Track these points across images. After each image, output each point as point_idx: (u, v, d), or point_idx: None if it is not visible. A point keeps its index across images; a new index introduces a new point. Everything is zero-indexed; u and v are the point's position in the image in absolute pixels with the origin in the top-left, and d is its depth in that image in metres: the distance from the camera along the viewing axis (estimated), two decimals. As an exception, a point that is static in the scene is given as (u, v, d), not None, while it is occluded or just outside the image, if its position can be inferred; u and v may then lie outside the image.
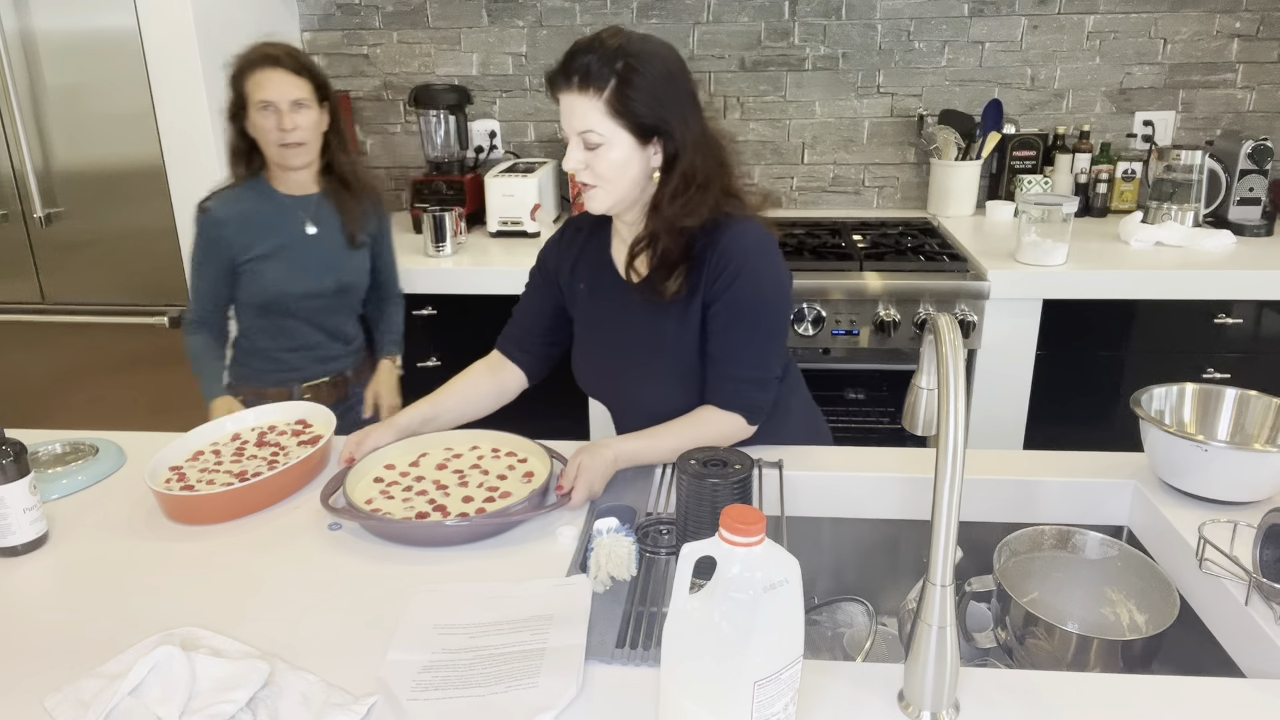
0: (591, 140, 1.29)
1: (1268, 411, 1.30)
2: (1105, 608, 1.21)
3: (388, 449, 1.40)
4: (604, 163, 1.30)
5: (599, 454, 1.30)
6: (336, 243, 1.95)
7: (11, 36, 2.41)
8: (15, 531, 1.19)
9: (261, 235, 1.87)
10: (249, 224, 1.87)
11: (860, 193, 2.97)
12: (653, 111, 1.30)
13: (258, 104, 1.80)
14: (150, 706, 0.88)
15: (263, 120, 1.81)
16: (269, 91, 1.79)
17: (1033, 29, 2.77)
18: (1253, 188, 2.63)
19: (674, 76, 1.34)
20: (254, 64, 1.81)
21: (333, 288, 1.95)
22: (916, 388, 1.08)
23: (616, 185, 1.32)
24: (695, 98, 1.38)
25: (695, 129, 1.35)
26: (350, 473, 1.33)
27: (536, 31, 2.86)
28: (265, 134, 1.82)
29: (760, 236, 1.37)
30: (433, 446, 1.44)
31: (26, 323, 2.66)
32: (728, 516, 0.77)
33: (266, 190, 1.90)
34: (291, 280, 1.90)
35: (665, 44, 1.38)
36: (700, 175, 1.34)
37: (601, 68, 1.29)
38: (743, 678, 0.77)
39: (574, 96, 1.29)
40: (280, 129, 1.80)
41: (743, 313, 1.34)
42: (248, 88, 1.81)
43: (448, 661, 0.97)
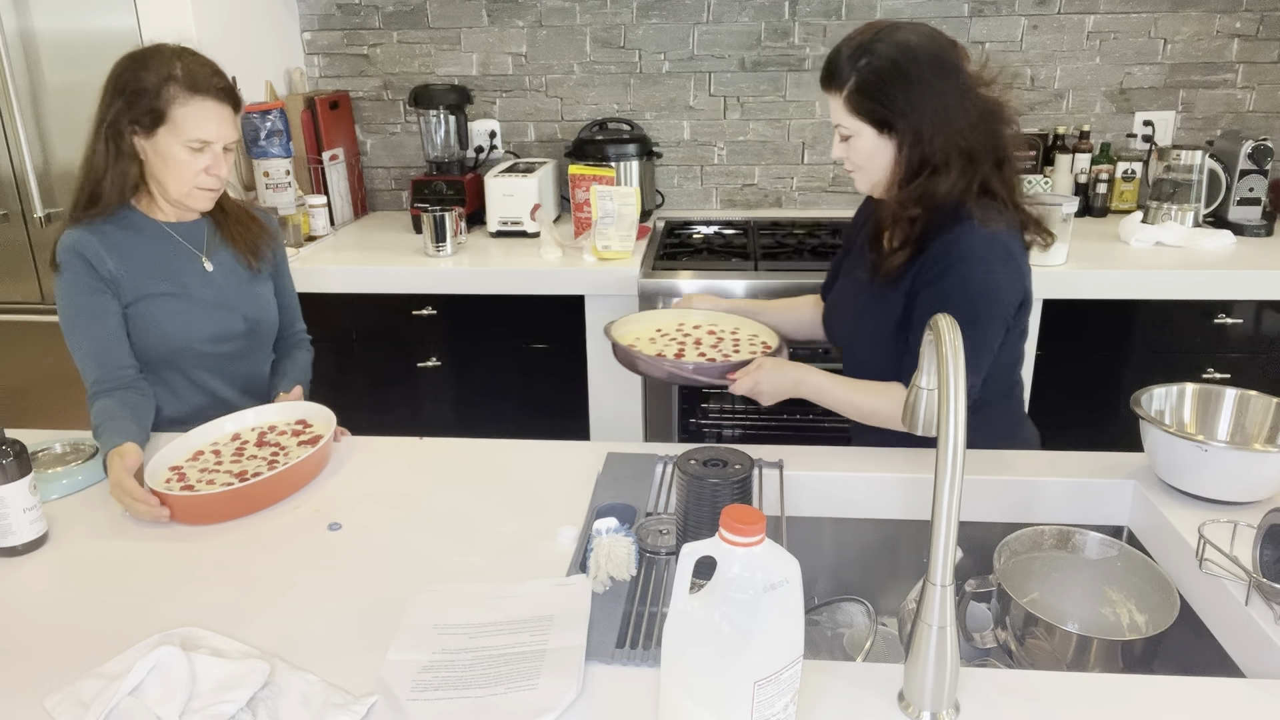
0: (843, 133, 1.44)
1: (1268, 411, 1.30)
2: (1105, 608, 1.21)
3: (681, 314, 1.75)
4: (856, 152, 1.44)
5: (783, 370, 1.46)
6: (238, 275, 1.64)
7: (11, 36, 2.41)
8: (15, 531, 1.19)
9: (150, 271, 1.55)
10: (132, 259, 1.54)
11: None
12: (884, 106, 1.39)
13: (190, 139, 1.48)
14: (150, 706, 0.88)
15: (188, 158, 1.49)
16: (209, 130, 1.49)
17: (1033, 29, 2.77)
18: (1253, 188, 2.62)
19: (912, 71, 1.39)
20: (198, 89, 1.48)
21: (243, 328, 1.63)
22: (916, 388, 1.08)
23: (869, 171, 1.46)
24: (946, 90, 1.42)
25: (933, 121, 1.38)
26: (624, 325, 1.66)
27: (536, 31, 2.86)
28: (183, 170, 1.50)
29: (984, 241, 1.38)
30: (714, 320, 1.74)
31: (26, 323, 2.66)
32: (728, 516, 0.77)
33: (138, 219, 1.56)
34: (196, 322, 1.58)
35: (921, 34, 1.45)
36: (931, 165, 1.39)
37: (843, 66, 1.41)
38: (743, 678, 0.77)
39: (827, 94, 1.45)
40: (209, 173, 1.52)
41: (941, 309, 1.32)
42: (176, 112, 1.47)
43: (448, 662, 0.97)
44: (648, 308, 2.33)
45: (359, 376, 2.51)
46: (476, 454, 1.46)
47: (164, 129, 1.48)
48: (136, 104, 1.48)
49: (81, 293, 1.50)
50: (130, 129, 1.50)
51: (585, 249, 2.47)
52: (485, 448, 1.48)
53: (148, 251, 1.56)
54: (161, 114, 1.48)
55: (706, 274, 2.34)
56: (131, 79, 1.49)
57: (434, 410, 2.53)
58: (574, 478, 1.37)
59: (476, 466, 1.42)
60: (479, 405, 2.53)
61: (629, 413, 2.46)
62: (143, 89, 1.47)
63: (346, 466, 1.43)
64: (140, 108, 1.48)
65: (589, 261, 2.43)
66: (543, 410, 2.51)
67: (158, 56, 1.50)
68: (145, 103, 1.48)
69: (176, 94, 1.47)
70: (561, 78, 2.90)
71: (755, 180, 2.96)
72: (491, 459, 1.44)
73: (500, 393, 2.51)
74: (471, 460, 1.44)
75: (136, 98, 1.48)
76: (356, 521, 1.27)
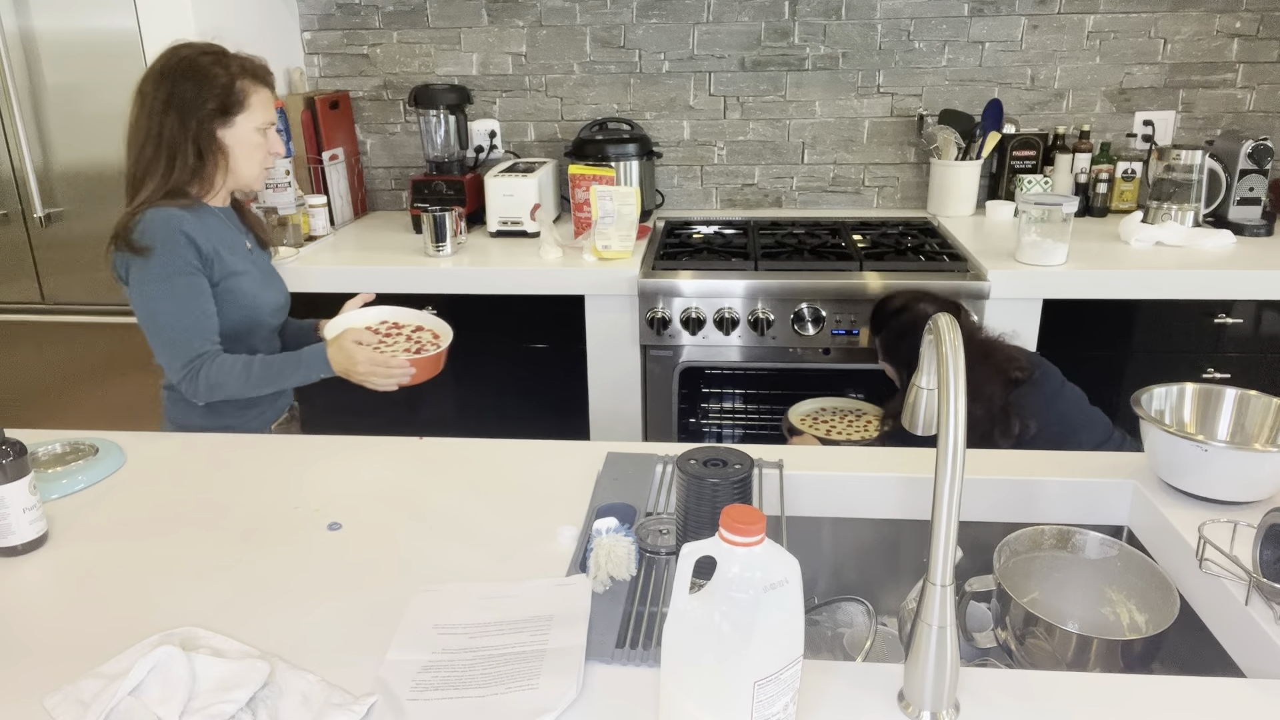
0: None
1: (1268, 411, 1.30)
2: (1105, 608, 1.21)
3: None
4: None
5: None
6: (262, 255, 1.82)
7: (11, 36, 2.41)
8: (15, 531, 1.19)
9: (229, 250, 1.68)
10: (214, 239, 1.66)
11: (860, 193, 2.97)
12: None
13: (261, 124, 1.66)
14: (150, 706, 0.88)
15: (260, 140, 1.67)
16: (272, 113, 1.69)
17: (1033, 29, 2.77)
18: (1253, 188, 2.63)
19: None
20: (259, 79, 1.67)
21: (283, 300, 1.81)
22: (916, 388, 1.08)
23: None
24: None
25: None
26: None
27: (536, 31, 2.86)
28: (257, 153, 1.68)
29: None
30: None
31: (26, 323, 2.66)
32: (728, 516, 0.77)
33: (200, 205, 1.68)
34: (263, 293, 1.73)
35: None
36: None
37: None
38: (743, 678, 0.77)
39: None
40: (271, 153, 1.71)
41: None
42: (250, 100, 1.65)
43: (447, 662, 0.97)
44: (648, 308, 2.33)
45: (359, 376, 2.51)
46: (476, 454, 1.46)
47: (241, 116, 1.64)
48: (215, 97, 1.61)
49: (183, 270, 1.60)
50: (213, 121, 1.62)
51: (585, 249, 2.47)
52: (485, 448, 1.48)
53: (220, 232, 1.68)
54: (240, 103, 1.63)
55: (706, 274, 2.34)
56: (203, 74, 1.60)
57: (434, 410, 2.53)
58: (574, 478, 1.37)
59: (476, 466, 1.42)
60: (479, 405, 2.53)
61: (629, 413, 2.46)
62: (219, 82, 1.61)
63: (346, 466, 1.43)
64: (220, 99, 1.61)
65: (589, 261, 2.43)
66: (543, 410, 2.51)
67: (216, 52, 1.64)
68: (224, 95, 1.61)
69: (248, 84, 1.64)
70: (561, 78, 2.90)
71: (755, 180, 2.96)
72: (491, 459, 1.44)
73: (500, 393, 2.51)
74: (471, 460, 1.44)
75: (213, 91, 1.61)
76: (356, 521, 1.27)
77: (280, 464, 1.44)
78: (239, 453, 1.48)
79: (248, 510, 1.30)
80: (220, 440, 1.53)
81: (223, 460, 1.45)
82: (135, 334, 2.60)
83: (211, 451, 1.48)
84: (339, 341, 1.63)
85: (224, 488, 1.37)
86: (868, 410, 2.45)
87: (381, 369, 1.62)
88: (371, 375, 1.62)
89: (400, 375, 1.63)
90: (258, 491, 1.35)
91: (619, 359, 2.42)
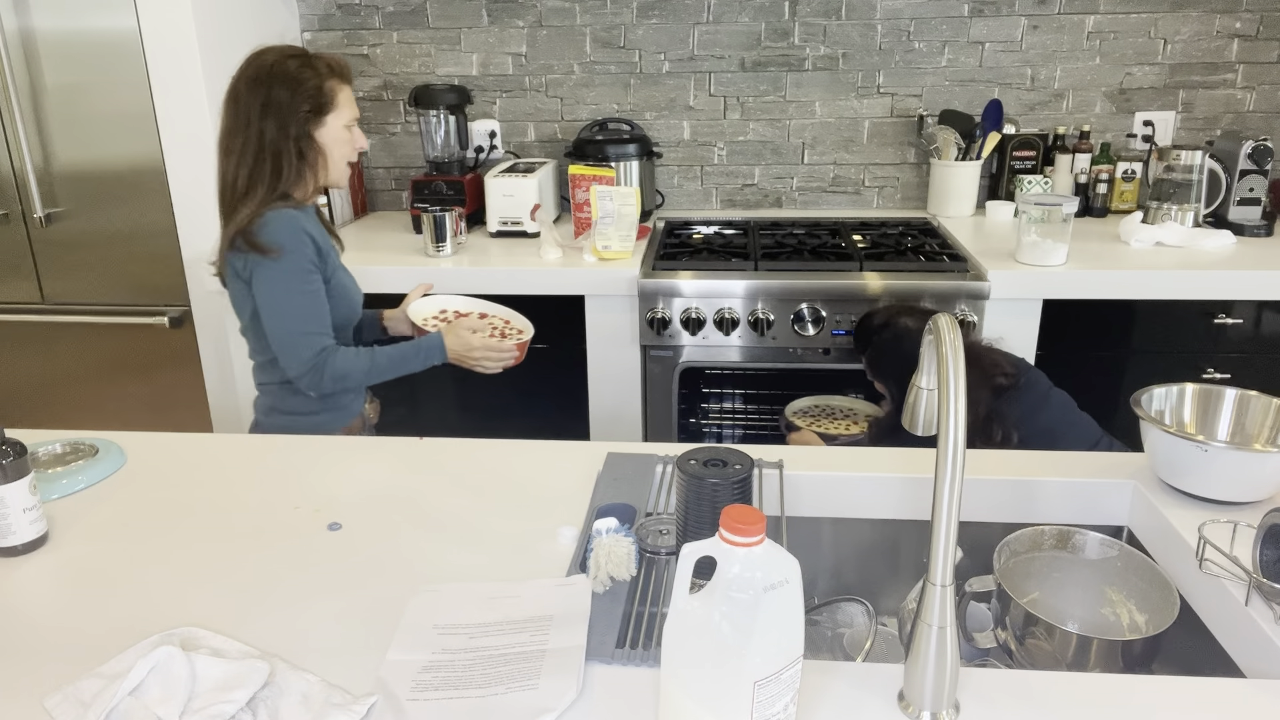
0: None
1: (1268, 411, 1.30)
2: (1105, 608, 1.21)
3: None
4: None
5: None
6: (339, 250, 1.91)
7: (11, 36, 2.41)
8: (15, 531, 1.19)
9: (331, 248, 1.78)
10: (321, 237, 1.75)
11: (860, 193, 2.97)
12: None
13: (347, 120, 1.72)
14: (150, 706, 0.88)
15: (347, 136, 1.73)
16: (354, 109, 1.73)
17: (1033, 29, 2.77)
18: (1253, 188, 2.63)
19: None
20: (344, 77, 1.72)
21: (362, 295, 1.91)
22: (916, 388, 1.08)
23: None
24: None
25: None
26: None
27: (536, 31, 2.86)
28: (345, 149, 1.74)
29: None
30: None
31: (26, 323, 2.66)
32: (728, 516, 0.77)
33: (304, 206, 1.77)
34: (354, 288, 1.84)
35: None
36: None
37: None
38: (743, 678, 0.77)
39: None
40: (355, 148, 1.76)
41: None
42: (339, 98, 1.70)
43: (447, 662, 0.97)
44: (648, 308, 2.33)
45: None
46: (477, 454, 1.46)
47: (331, 115, 1.69)
48: (308, 99, 1.66)
49: (308, 269, 1.67)
50: (308, 123, 1.67)
51: (585, 249, 2.47)
52: (485, 448, 1.48)
53: (321, 231, 1.76)
54: (330, 102, 1.68)
55: (706, 274, 2.34)
56: (295, 78, 1.65)
57: (434, 410, 2.53)
58: (574, 478, 1.37)
59: (477, 466, 1.42)
60: (479, 405, 2.53)
61: (629, 413, 2.46)
62: (311, 84, 1.66)
63: (346, 466, 1.43)
64: (313, 101, 1.66)
65: (589, 261, 2.43)
66: (543, 410, 2.51)
67: (300, 54, 1.68)
68: (316, 96, 1.66)
69: (335, 83, 1.69)
70: (561, 78, 2.90)
71: (755, 180, 2.96)
72: (491, 459, 1.44)
73: (500, 393, 2.51)
74: (472, 460, 1.44)
75: (306, 93, 1.65)
76: (356, 521, 1.27)
77: (280, 464, 1.44)
78: (239, 453, 1.48)
79: (248, 510, 1.30)
80: (220, 440, 1.53)
81: (223, 460, 1.45)
82: (135, 334, 2.62)
83: (211, 451, 1.48)
84: (454, 330, 1.78)
85: (224, 488, 1.37)
86: (860, 409, 2.46)
87: (494, 353, 1.78)
88: (485, 359, 1.78)
89: (508, 358, 1.80)
90: (258, 491, 1.35)
91: (619, 359, 2.42)
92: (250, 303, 1.71)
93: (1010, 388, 1.72)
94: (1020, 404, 1.71)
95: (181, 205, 2.49)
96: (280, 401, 1.81)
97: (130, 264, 2.58)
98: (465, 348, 1.77)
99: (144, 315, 2.59)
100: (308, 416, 1.80)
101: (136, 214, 2.53)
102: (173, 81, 2.39)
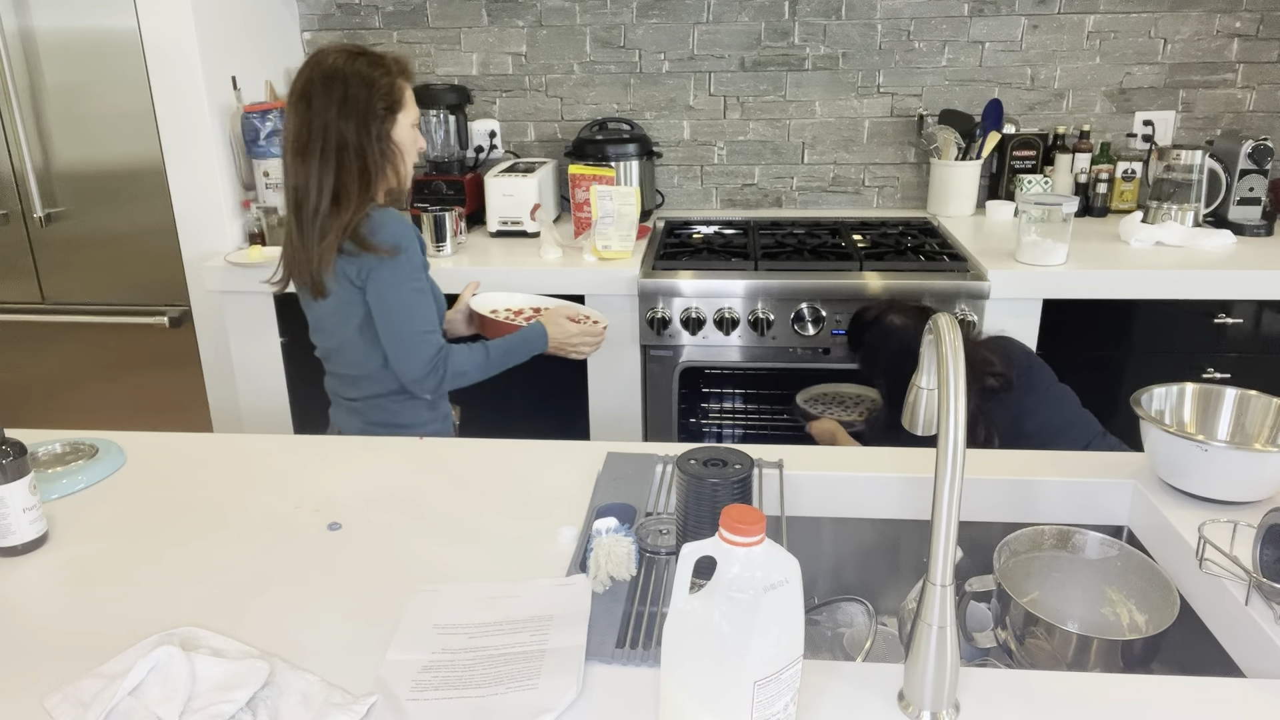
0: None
1: (1268, 411, 1.30)
2: (1105, 608, 1.21)
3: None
4: None
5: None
6: None
7: (11, 36, 2.41)
8: (15, 531, 1.19)
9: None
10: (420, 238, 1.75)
11: (860, 193, 2.97)
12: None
13: (414, 119, 1.70)
14: (150, 706, 0.88)
15: (415, 135, 1.70)
16: (416, 107, 1.71)
17: (1033, 29, 2.77)
18: (1253, 188, 2.62)
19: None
20: (409, 76, 1.69)
21: None
22: (916, 388, 1.08)
23: None
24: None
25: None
26: None
27: (536, 31, 2.86)
28: (412, 150, 1.71)
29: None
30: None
31: (26, 323, 2.66)
32: (728, 516, 0.77)
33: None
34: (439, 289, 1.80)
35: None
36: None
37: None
38: (743, 678, 0.77)
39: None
40: (419, 149, 1.73)
41: None
42: (406, 97, 1.67)
43: (447, 662, 0.97)
44: (648, 308, 2.33)
45: (359, 376, 2.51)
46: (476, 454, 1.46)
47: (402, 114, 1.67)
48: (382, 98, 1.63)
49: (422, 268, 1.67)
50: (384, 122, 1.64)
51: (585, 249, 2.47)
52: (485, 448, 1.48)
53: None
54: (400, 101, 1.66)
55: (706, 274, 2.34)
56: (367, 78, 1.62)
57: (434, 410, 2.53)
58: (574, 478, 1.37)
59: (476, 466, 1.42)
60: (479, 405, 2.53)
61: (629, 413, 2.46)
62: (383, 83, 1.63)
63: (346, 466, 1.43)
64: (386, 100, 1.63)
65: (589, 261, 2.43)
66: (543, 410, 2.51)
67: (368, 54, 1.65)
68: (388, 94, 1.63)
69: (402, 81, 1.67)
70: (561, 78, 2.90)
71: (755, 180, 2.96)
72: (491, 459, 1.44)
73: (500, 393, 2.50)
74: (471, 460, 1.44)
75: (380, 92, 1.62)
76: (356, 521, 1.27)
77: (280, 464, 1.44)
78: (239, 453, 1.48)
79: (248, 510, 1.30)
80: (220, 440, 1.53)
81: (223, 460, 1.45)
82: (135, 334, 2.62)
83: (211, 451, 1.48)
84: (554, 319, 1.86)
85: (224, 488, 1.37)
86: (870, 396, 2.46)
87: (591, 338, 1.89)
88: (582, 345, 1.87)
89: (599, 342, 1.91)
90: (258, 491, 1.35)
91: (619, 359, 2.42)
92: (360, 309, 1.66)
93: (1000, 389, 1.70)
94: (1014, 406, 1.70)
95: (181, 205, 2.49)
96: (392, 415, 1.76)
97: (130, 264, 2.58)
98: (565, 335, 1.84)
99: (144, 315, 2.59)
100: (421, 428, 1.78)
101: (136, 214, 2.52)
102: (173, 81, 2.39)
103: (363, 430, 1.77)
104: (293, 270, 1.70)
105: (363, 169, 1.62)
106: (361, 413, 1.77)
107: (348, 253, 1.61)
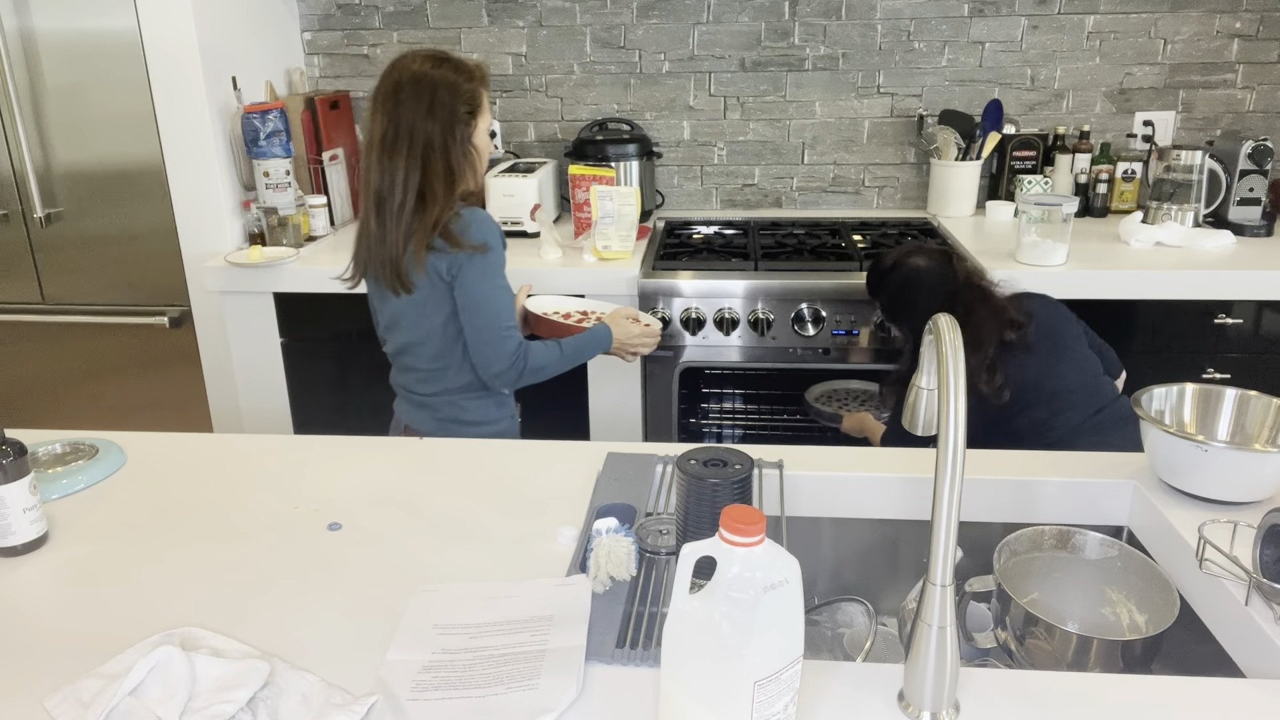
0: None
1: (1268, 411, 1.30)
2: (1105, 608, 1.21)
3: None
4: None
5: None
6: None
7: (11, 36, 2.41)
8: (15, 531, 1.19)
9: None
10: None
11: (860, 193, 2.97)
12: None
13: (489, 125, 1.74)
14: (150, 706, 0.88)
15: (488, 142, 1.75)
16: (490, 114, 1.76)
17: (1033, 29, 2.77)
18: (1253, 188, 2.63)
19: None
20: (487, 83, 1.73)
21: None
22: (916, 388, 1.08)
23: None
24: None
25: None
26: None
27: (536, 31, 2.86)
28: (486, 154, 1.75)
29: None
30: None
31: (26, 323, 2.67)
32: (728, 516, 0.77)
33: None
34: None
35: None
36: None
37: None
38: (743, 678, 0.77)
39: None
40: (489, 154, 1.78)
41: None
42: (484, 104, 1.72)
43: (447, 662, 0.97)
44: (648, 308, 2.33)
45: (359, 376, 2.51)
46: (476, 454, 1.46)
47: (480, 120, 1.71)
48: (465, 102, 1.67)
49: (502, 266, 1.71)
50: (467, 126, 1.68)
51: (585, 249, 2.47)
52: (485, 448, 1.48)
53: None
54: (479, 106, 1.70)
55: (706, 274, 2.34)
56: (451, 83, 1.66)
57: (434, 410, 2.53)
58: (574, 478, 1.37)
59: (476, 466, 1.42)
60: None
61: (629, 413, 2.46)
62: (466, 88, 1.67)
63: (346, 466, 1.43)
64: (469, 104, 1.67)
65: (589, 261, 2.43)
66: (543, 410, 2.51)
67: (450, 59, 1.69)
68: (470, 99, 1.67)
69: (480, 88, 1.70)
70: (561, 78, 2.90)
71: (755, 180, 2.96)
72: (491, 459, 1.44)
73: (500, 393, 2.50)
74: (471, 460, 1.44)
75: (464, 97, 1.66)
76: (356, 521, 1.27)
77: (280, 464, 1.44)
78: (239, 453, 1.48)
79: (248, 510, 1.30)
80: (220, 440, 1.53)
81: (223, 460, 1.45)
82: (135, 334, 2.62)
83: (211, 451, 1.48)
84: (617, 320, 1.93)
85: (224, 488, 1.37)
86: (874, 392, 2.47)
87: (650, 339, 1.95)
88: (640, 346, 1.94)
89: (655, 344, 1.98)
90: (258, 491, 1.36)
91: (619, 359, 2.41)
92: (448, 304, 1.70)
93: (1015, 345, 1.74)
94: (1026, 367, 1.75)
95: (181, 205, 2.49)
96: (463, 410, 1.79)
97: (130, 264, 2.58)
98: (628, 336, 1.91)
99: (144, 315, 2.60)
100: (492, 425, 1.83)
101: (136, 214, 2.53)
102: (173, 81, 2.39)
103: (432, 425, 1.80)
104: (370, 267, 1.73)
105: (447, 169, 1.66)
106: (433, 408, 1.80)
107: (438, 249, 1.65)
